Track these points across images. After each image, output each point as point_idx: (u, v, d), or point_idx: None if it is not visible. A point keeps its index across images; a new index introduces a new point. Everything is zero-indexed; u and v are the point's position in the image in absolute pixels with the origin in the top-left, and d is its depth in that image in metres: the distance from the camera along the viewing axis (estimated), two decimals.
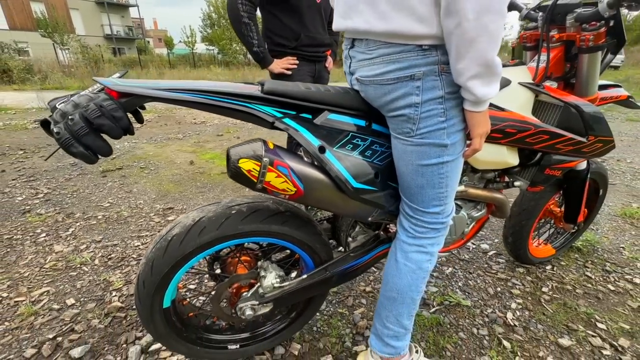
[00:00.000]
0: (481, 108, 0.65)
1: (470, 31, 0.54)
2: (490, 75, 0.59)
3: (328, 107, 0.74)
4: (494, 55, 0.57)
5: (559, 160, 1.02)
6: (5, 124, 4.82)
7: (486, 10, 0.53)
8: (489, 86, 0.61)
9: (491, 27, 0.54)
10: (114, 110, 0.59)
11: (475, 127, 0.68)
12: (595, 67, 0.96)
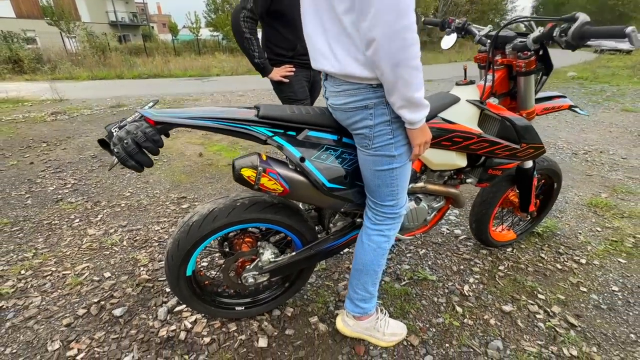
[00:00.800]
0: (415, 126, 0.88)
1: (390, 79, 0.77)
2: (414, 106, 0.82)
3: (308, 126, 0.98)
4: (413, 95, 0.79)
5: (499, 163, 1.25)
6: (25, 116, 5.12)
7: (398, 65, 0.74)
8: (415, 113, 0.83)
9: (405, 77, 0.76)
10: (154, 135, 0.84)
11: (413, 139, 0.91)
12: (530, 86, 1.18)
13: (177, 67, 12.66)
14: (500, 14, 28.62)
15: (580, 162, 3.03)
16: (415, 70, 0.77)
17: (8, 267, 1.64)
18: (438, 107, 1.13)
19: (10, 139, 3.90)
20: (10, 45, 12.78)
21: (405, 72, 0.76)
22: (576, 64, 12.09)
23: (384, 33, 0.72)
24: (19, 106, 5.98)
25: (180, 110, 0.91)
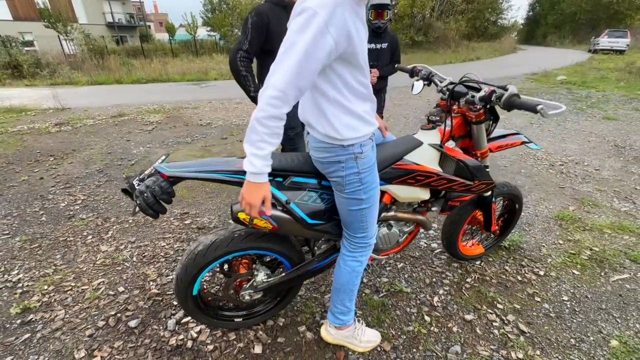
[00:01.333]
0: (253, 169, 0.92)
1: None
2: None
3: (293, 173, 1.19)
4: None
5: (457, 195, 1.47)
6: (30, 127, 5.30)
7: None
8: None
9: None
10: (168, 189, 1.05)
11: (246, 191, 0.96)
12: (482, 132, 1.39)
13: (175, 70, 12.81)
14: (496, 13, 28.80)
15: (556, 174, 3.25)
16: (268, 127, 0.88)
17: (32, 283, 1.85)
18: (404, 150, 1.34)
19: (19, 152, 4.09)
20: (9, 50, 12.89)
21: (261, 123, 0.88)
22: (568, 66, 12.31)
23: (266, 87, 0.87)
24: (23, 116, 6.16)
25: (189, 164, 1.12)
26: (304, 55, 0.83)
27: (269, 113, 0.86)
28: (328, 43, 0.83)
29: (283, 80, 0.84)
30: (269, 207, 0.99)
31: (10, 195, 2.94)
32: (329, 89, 0.98)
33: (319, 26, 0.81)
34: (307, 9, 0.81)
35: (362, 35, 0.94)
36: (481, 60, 16.68)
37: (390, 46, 2.99)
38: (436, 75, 1.57)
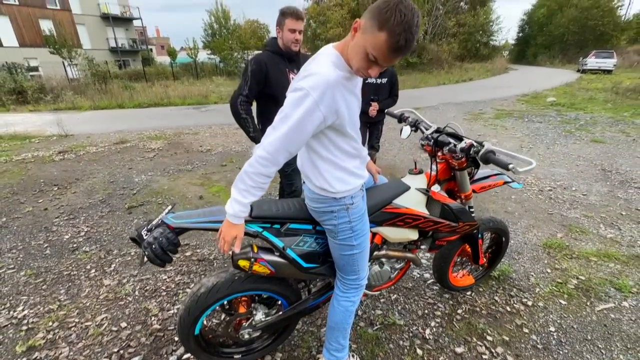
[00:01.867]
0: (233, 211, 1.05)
1: None
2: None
3: (289, 220, 1.29)
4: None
5: (443, 236, 1.57)
6: (34, 155, 5.43)
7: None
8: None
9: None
10: (174, 239, 1.15)
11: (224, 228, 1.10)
12: (464, 177, 1.51)
13: (176, 93, 13.14)
14: (487, 35, 29.82)
15: (545, 200, 3.37)
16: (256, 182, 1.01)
17: (37, 320, 1.91)
18: (393, 194, 1.45)
19: (23, 182, 4.19)
20: (14, 76, 13.23)
21: (250, 178, 1.00)
22: (558, 87, 12.71)
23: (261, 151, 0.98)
24: (27, 143, 6.30)
25: (194, 213, 1.22)
26: (295, 127, 0.95)
27: (257, 170, 0.99)
28: (317, 118, 0.96)
29: (274, 146, 0.97)
30: (238, 246, 1.11)
31: (16, 227, 3.02)
32: (321, 150, 1.10)
33: (310, 105, 0.93)
34: (302, 88, 0.93)
35: (352, 106, 1.07)
36: (474, 81, 17.18)
37: (390, 81, 3.20)
38: (423, 122, 1.70)
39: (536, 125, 6.76)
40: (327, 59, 0.99)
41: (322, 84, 0.93)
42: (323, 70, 0.94)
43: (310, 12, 25.88)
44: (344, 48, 1.00)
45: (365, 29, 0.89)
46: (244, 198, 1.03)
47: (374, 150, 3.58)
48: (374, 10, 0.86)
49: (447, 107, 9.26)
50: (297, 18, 2.00)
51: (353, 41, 0.95)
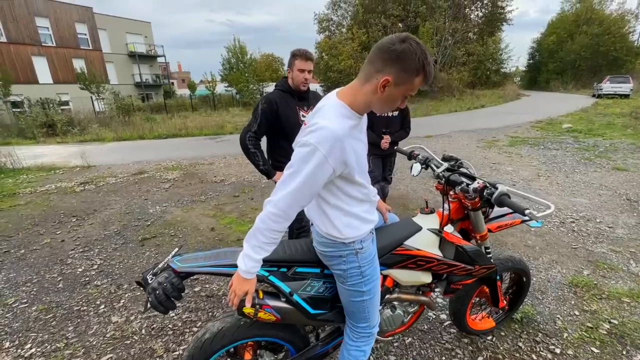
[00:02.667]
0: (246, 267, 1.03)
1: None
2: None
3: (296, 263, 1.26)
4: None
5: (459, 279, 1.49)
6: (57, 186, 5.66)
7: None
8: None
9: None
10: (179, 284, 1.13)
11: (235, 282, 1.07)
12: (479, 217, 1.45)
13: (194, 124, 13.69)
14: (497, 63, 30.21)
15: (567, 233, 3.21)
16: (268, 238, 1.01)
17: (43, 359, 1.88)
18: (404, 235, 1.41)
19: (44, 213, 4.34)
20: (47, 111, 14.15)
21: (262, 234, 1.00)
22: (573, 112, 12.53)
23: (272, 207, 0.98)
24: (52, 174, 6.59)
25: (200, 256, 1.21)
26: (305, 182, 0.95)
27: (269, 226, 0.98)
28: (327, 171, 0.96)
29: (285, 202, 0.97)
30: (249, 301, 1.08)
31: (33, 259, 3.08)
32: (330, 197, 1.09)
33: (319, 160, 0.93)
34: (310, 144, 0.93)
35: (360, 153, 1.07)
36: (486, 107, 17.19)
37: (401, 114, 3.23)
38: (433, 160, 1.68)
39: (553, 152, 6.61)
40: (333, 110, 1.00)
41: (330, 139, 0.93)
42: (330, 125, 0.94)
43: (322, 45, 27.03)
44: (353, 99, 1.01)
45: (400, 81, 0.94)
46: (257, 254, 1.02)
47: (387, 182, 3.54)
48: (402, 62, 0.91)
49: (460, 134, 9.22)
50: (306, 59, 2.09)
51: (384, 95, 0.97)
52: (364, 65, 0.99)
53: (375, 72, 0.95)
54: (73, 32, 24.02)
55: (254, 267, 1.03)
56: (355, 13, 27.72)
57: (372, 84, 0.97)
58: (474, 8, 29.13)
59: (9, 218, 4.19)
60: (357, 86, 1.01)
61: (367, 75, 0.98)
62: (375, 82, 0.96)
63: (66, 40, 23.63)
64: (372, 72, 0.96)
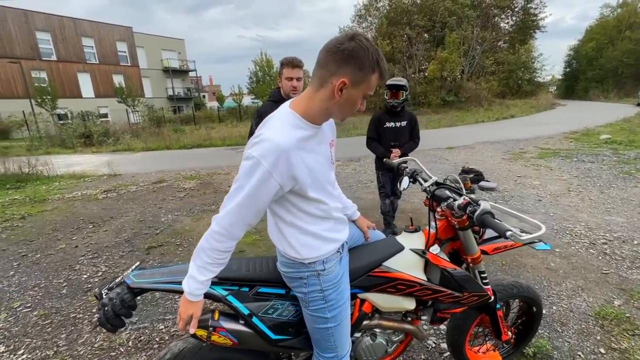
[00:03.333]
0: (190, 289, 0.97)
1: None
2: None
3: (259, 283, 1.17)
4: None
5: (446, 307, 1.32)
6: (83, 193, 5.96)
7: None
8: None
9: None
10: (130, 301, 1.07)
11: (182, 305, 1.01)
12: (469, 237, 1.29)
13: (218, 135, 14.12)
14: (529, 72, 28.94)
15: (597, 256, 2.87)
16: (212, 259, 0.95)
17: None
18: (384, 256, 1.28)
19: (66, 219, 4.55)
20: (86, 123, 15.21)
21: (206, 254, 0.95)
22: (613, 122, 11.61)
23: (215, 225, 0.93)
24: (81, 182, 6.98)
25: (158, 272, 1.15)
26: (248, 198, 0.88)
27: (212, 246, 0.90)
28: (273, 187, 0.88)
29: (229, 220, 0.90)
30: (194, 326, 1.00)
31: (45, 264, 3.20)
32: (285, 214, 1.00)
33: (262, 175, 0.85)
34: (252, 157, 0.86)
35: (315, 166, 0.96)
36: (516, 118, 16.40)
37: (409, 124, 3.09)
38: (421, 173, 1.54)
39: (587, 165, 6.09)
40: (281, 120, 0.93)
41: (274, 151, 0.85)
42: (274, 136, 0.86)
43: None
44: (306, 107, 0.94)
45: (357, 81, 0.88)
46: (201, 275, 0.95)
47: (396, 197, 3.37)
48: (355, 61, 0.85)
49: (484, 145, 8.79)
50: (293, 67, 2.04)
51: (342, 98, 0.90)
52: (314, 70, 0.91)
53: (330, 76, 0.87)
54: (114, 50, 25.93)
55: (198, 289, 0.96)
56: (379, 25, 27.81)
57: (327, 89, 0.89)
58: (504, 16, 28.27)
59: (34, 223, 4.43)
60: (310, 94, 0.93)
61: (320, 80, 0.90)
62: (330, 86, 0.88)
63: (108, 58, 25.50)
64: (326, 76, 0.88)
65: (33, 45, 21.73)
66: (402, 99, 2.94)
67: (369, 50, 0.85)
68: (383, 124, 3.07)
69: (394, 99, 2.94)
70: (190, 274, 0.96)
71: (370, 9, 29.60)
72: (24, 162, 7.56)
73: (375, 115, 3.17)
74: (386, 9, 28.60)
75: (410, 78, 25.79)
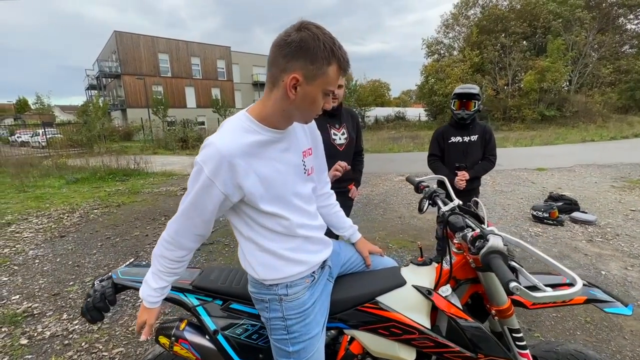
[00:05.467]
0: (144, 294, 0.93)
1: None
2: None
3: (233, 298, 1.08)
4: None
5: None
6: (167, 189, 6.82)
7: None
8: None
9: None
10: (109, 296, 1.10)
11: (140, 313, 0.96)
12: (491, 280, 0.98)
13: None
14: None
15: None
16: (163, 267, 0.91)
17: (77, 337, 2.15)
18: (380, 288, 1.07)
19: (148, 210, 5.23)
20: (185, 129, 17.70)
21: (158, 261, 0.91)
22: None
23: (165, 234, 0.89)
24: (169, 179, 8.03)
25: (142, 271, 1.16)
26: (192, 206, 0.83)
27: (162, 253, 0.88)
28: (217, 196, 0.80)
29: (174, 227, 0.86)
30: (146, 334, 0.96)
31: (120, 247, 3.70)
32: (243, 227, 0.91)
33: (203, 182, 0.79)
34: (197, 162, 0.81)
35: (271, 175, 0.85)
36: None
37: (482, 137, 2.57)
38: (442, 195, 1.27)
39: None
40: (230, 125, 0.84)
41: (215, 157, 0.77)
42: (217, 141, 0.79)
43: (429, 69, 26.06)
44: (260, 110, 0.85)
45: (310, 76, 0.78)
46: (154, 282, 0.92)
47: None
48: (305, 52, 0.76)
49: (588, 169, 7.26)
50: None
51: (297, 97, 0.80)
52: (267, 71, 0.83)
53: (280, 73, 0.78)
54: (215, 67, 29.79)
55: (151, 296, 0.92)
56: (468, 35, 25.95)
57: (280, 88, 0.79)
58: (632, 16, 23.45)
59: (124, 211, 5.22)
60: (265, 96, 0.84)
61: (272, 80, 0.80)
62: (282, 84, 0.78)
63: (209, 74, 29.40)
64: (276, 74, 0.79)
65: (155, 64, 26.38)
66: (474, 110, 2.47)
67: (320, 40, 0.75)
68: (448, 139, 2.60)
69: (464, 110, 2.47)
70: (145, 279, 0.93)
71: (459, 17, 27.89)
72: (131, 160, 9.09)
73: (438, 129, 2.73)
74: (477, 17, 26.55)
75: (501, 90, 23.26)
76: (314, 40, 0.74)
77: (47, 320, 2.33)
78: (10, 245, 3.78)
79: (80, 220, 4.72)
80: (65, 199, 6.00)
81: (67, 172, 8.56)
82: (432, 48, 28.84)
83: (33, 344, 2.09)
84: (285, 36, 0.76)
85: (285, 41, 0.76)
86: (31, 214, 5.06)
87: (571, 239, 3.53)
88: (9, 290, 2.76)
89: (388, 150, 13.33)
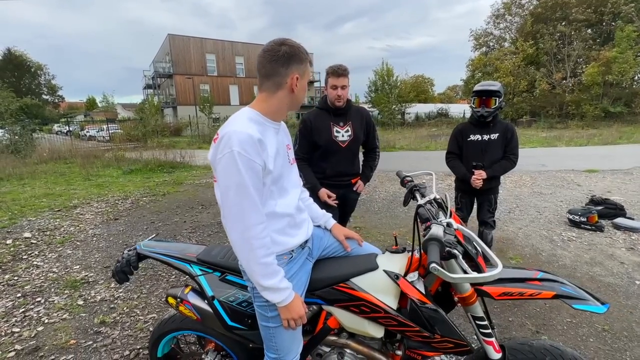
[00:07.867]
0: (280, 305, 1.02)
1: (245, 270, 1.02)
2: (269, 291, 1.01)
3: (229, 271, 1.28)
4: (262, 283, 0.99)
5: (416, 346, 1.11)
6: (207, 181, 7.36)
7: (248, 261, 0.98)
8: (273, 295, 1.01)
9: (255, 269, 0.98)
10: (133, 263, 1.35)
11: (281, 314, 1.05)
12: (454, 268, 1.05)
13: None
14: None
15: None
16: (262, 266, 0.98)
17: (120, 302, 2.52)
18: (354, 271, 1.19)
19: (189, 200, 5.74)
20: None
21: (254, 266, 0.98)
22: None
23: (236, 239, 0.98)
24: (209, 172, 8.63)
25: (164, 245, 1.41)
26: (242, 188, 0.94)
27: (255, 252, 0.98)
28: (257, 168, 0.97)
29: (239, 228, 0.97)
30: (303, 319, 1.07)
31: (161, 231, 4.15)
32: None
33: (245, 162, 0.93)
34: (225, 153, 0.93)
35: (276, 155, 1.04)
36: None
37: (503, 136, 2.50)
38: (423, 189, 1.34)
39: None
40: (240, 116, 1.03)
41: (246, 139, 0.94)
42: (238, 127, 0.96)
43: (475, 63, 24.64)
44: (265, 107, 1.07)
45: (302, 72, 1.07)
46: (275, 282, 1.01)
47: (487, 227, 2.64)
48: (295, 58, 1.03)
49: None
50: (337, 75, 2.06)
51: (297, 90, 1.07)
52: (261, 82, 1.06)
53: (283, 77, 1.03)
54: None
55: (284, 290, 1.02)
56: (522, 24, 24.05)
57: (285, 88, 1.05)
58: None
59: (168, 199, 5.78)
60: (267, 96, 1.06)
61: (276, 85, 1.04)
62: (287, 85, 1.05)
63: (252, 72, 30.57)
64: (279, 79, 1.04)
65: (203, 64, 28.09)
66: (495, 107, 2.42)
67: (299, 48, 1.05)
68: (467, 137, 2.58)
69: (484, 108, 2.43)
70: (260, 285, 1.01)
71: (511, 6, 25.93)
72: (177, 154, 9.90)
73: (457, 127, 2.72)
74: (532, 4, 24.49)
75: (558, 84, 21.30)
76: (297, 49, 1.04)
77: (99, 287, 2.75)
78: (75, 224, 4.42)
79: (132, 206, 5.33)
80: (121, 187, 6.77)
81: (124, 164, 9.58)
82: (480, 40, 27.18)
83: (87, 304, 2.50)
84: (274, 52, 1.01)
85: (277, 55, 1.01)
86: (93, 199, 5.81)
87: (609, 246, 3.28)
88: (72, 261, 3.28)
89: (425, 148, 12.96)
